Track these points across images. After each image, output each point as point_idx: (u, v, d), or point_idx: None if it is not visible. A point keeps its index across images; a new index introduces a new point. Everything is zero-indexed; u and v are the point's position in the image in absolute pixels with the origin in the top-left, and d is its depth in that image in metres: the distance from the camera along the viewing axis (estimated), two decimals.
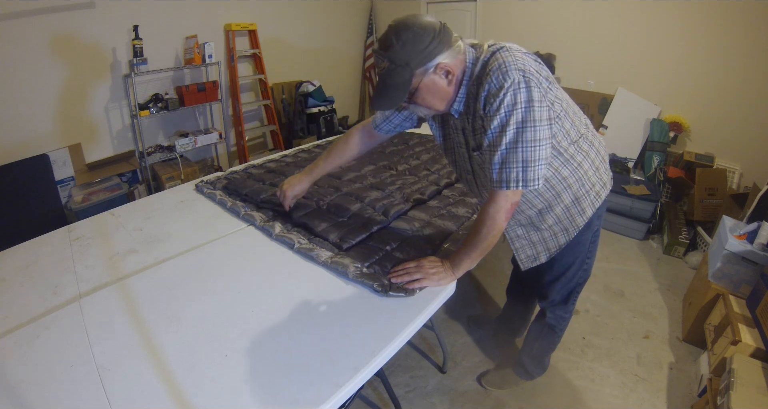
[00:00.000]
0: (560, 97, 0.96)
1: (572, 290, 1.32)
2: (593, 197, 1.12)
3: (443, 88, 0.92)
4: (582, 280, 1.30)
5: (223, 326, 0.95)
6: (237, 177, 1.86)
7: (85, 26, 2.65)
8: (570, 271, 1.25)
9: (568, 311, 1.38)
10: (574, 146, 1.02)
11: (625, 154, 3.12)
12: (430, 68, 0.88)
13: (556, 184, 1.05)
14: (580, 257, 1.22)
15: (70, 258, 1.26)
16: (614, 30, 3.13)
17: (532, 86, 0.84)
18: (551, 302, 1.36)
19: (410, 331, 0.94)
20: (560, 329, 1.43)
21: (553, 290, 1.32)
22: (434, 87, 0.91)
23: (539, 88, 0.86)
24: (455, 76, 0.92)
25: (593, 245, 1.24)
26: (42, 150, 2.58)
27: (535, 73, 0.87)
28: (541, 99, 0.86)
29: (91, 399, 0.77)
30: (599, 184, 1.12)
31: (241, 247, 1.30)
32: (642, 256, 2.58)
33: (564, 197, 1.08)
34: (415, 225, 1.38)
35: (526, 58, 0.88)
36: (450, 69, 0.90)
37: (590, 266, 1.28)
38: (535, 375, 1.58)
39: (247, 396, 0.76)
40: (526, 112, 0.85)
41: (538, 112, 0.86)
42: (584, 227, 1.14)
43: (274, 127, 3.91)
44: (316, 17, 4.20)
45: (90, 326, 0.95)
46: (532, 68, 0.86)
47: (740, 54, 2.63)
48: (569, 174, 1.04)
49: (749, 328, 1.51)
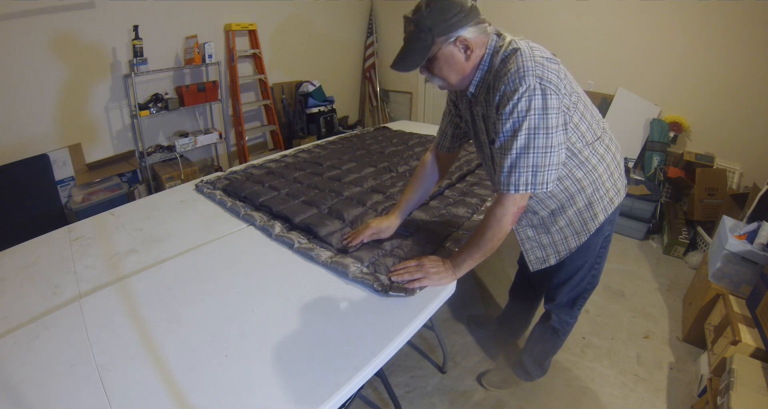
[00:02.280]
0: (579, 100, 0.96)
1: (579, 295, 1.31)
2: (606, 203, 1.11)
3: (460, 62, 0.94)
4: (590, 286, 1.29)
5: (223, 326, 0.95)
6: (237, 177, 1.86)
7: (85, 26, 2.64)
8: (578, 275, 1.24)
9: (574, 315, 1.37)
10: (589, 149, 1.02)
11: (625, 154, 3.12)
12: (451, 39, 0.90)
13: (570, 185, 1.05)
14: (589, 261, 1.21)
15: (70, 258, 1.26)
16: (614, 30, 3.13)
17: (548, 94, 0.85)
18: (557, 305, 1.35)
19: (410, 331, 0.94)
20: (563, 333, 1.42)
21: (560, 293, 1.31)
22: (452, 58, 0.93)
23: (557, 94, 0.86)
24: (474, 53, 0.93)
25: (603, 250, 1.23)
26: (42, 150, 2.58)
27: (555, 79, 0.87)
28: (557, 106, 0.87)
29: (91, 399, 0.77)
30: (613, 190, 1.12)
31: (241, 247, 1.30)
32: (642, 256, 2.58)
33: (577, 200, 1.08)
34: (416, 225, 1.38)
35: (547, 64, 0.88)
36: (470, 45, 0.91)
37: (599, 271, 1.27)
38: (535, 377, 1.58)
39: (247, 396, 0.76)
40: (539, 119, 0.86)
41: (553, 119, 0.86)
42: (595, 231, 1.13)
43: (274, 127, 3.90)
44: (316, 17, 4.20)
45: (90, 326, 0.95)
46: (551, 75, 0.87)
47: (740, 54, 2.63)
48: (583, 176, 1.04)
49: (749, 328, 1.51)
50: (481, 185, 1.74)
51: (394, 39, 4.65)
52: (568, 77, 0.93)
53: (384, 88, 4.90)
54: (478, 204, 1.56)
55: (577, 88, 0.98)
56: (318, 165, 1.99)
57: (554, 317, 1.39)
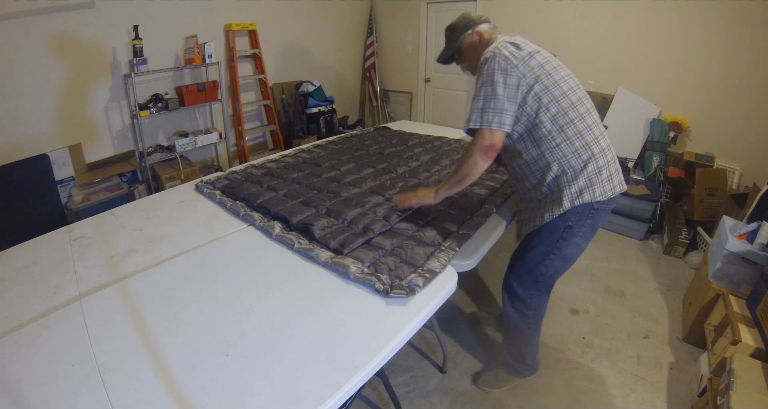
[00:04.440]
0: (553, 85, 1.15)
1: (528, 281, 1.34)
2: (574, 192, 1.18)
3: (478, 48, 1.29)
4: (539, 274, 1.31)
5: (223, 326, 0.95)
6: (237, 177, 1.86)
7: (85, 26, 2.64)
8: (530, 254, 1.31)
9: (528, 306, 1.38)
10: (559, 132, 1.17)
11: (625, 155, 3.12)
12: (470, 32, 1.31)
13: (539, 158, 1.21)
14: (544, 242, 1.27)
15: (70, 258, 1.26)
16: (614, 30, 3.13)
17: (496, 60, 1.13)
18: (509, 288, 1.40)
19: (410, 331, 0.94)
20: (525, 325, 1.42)
21: (513, 272, 1.39)
22: (471, 46, 1.32)
23: (506, 62, 1.13)
24: (484, 40, 1.29)
25: (563, 242, 1.25)
26: (42, 150, 2.58)
27: (507, 54, 1.14)
28: (503, 68, 1.12)
29: (91, 399, 0.77)
30: (585, 182, 1.17)
31: (241, 247, 1.30)
32: (642, 256, 2.58)
33: (547, 176, 1.21)
34: (416, 225, 1.38)
35: (507, 46, 1.16)
36: (482, 34, 1.30)
37: (553, 262, 1.29)
38: (525, 372, 1.57)
39: (247, 396, 0.76)
40: (486, 76, 1.14)
41: (498, 76, 1.13)
42: (558, 216, 1.21)
43: (274, 127, 3.91)
44: (316, 17, 4.20)
45: (90, 326, 0.96)
46: (505, 51, 1.14)
47: (740, 54, 2.63)
48: (548, 152, 1.19)
49: (749, 328, 1.51)
50: (481, 185, 1.74)
51: (394, 39, 4.66)
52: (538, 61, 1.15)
53: (384, 88, 4.90)
54: (479, 204, 1.56)
55: (555, 75, 1.16)
56: (317, 166, 1.98)
57: (506, 302, 1.43)
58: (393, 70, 4.84)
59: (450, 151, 2.25)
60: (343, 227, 1.36)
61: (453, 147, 2.33)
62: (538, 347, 1.54)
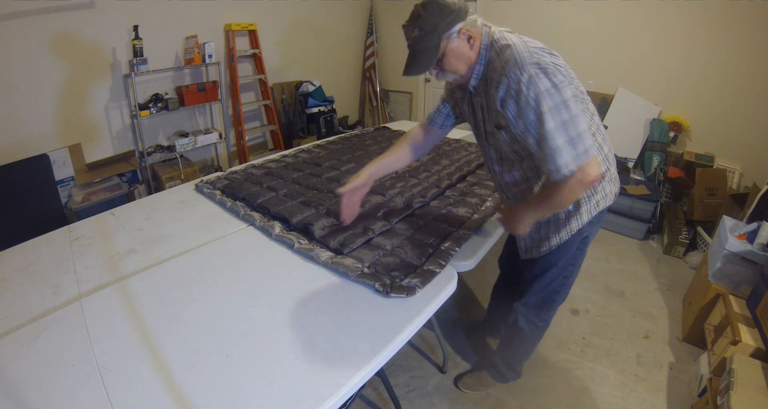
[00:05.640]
0: (579, 93, 0.98)
1: (548, 297, 1.30)
2: (593, 205, 1.13)
3: (467, 53, 0.98)
4: (561, 289, 1.28)
5: (223, 326, 0.95)
6: (237, 177, 1.86)
7: (85, 26, 2.64)
8: (551, 272, 1.24)
9: (543, 319, 1.36)
10: None
11: (625, 155, 3.12)
12: (455, 33, 0.95)
13: None
14: (563, 259, 1.21)
15: (70, 258, 1.26)
16: (614, 30, 3.13)
17: (549, 73, 0.88)
18: (525, 304, 1.34)
19: (410, 331, 0.94)
20: (533, 337, 1.41)
21: (530, 290, 1.31)
22: (459, 51, 0.97)
23: (559, 72, 0.89)
24: (475, 42, 0.98)
25: (579, 253, 1.23)
26: (42, 150, 2.58)
27: (552, 62, 0.90)
28: (563, 80, 0.89)
29: (91, 399, 0.77)
30: (601, 193, 1.13)
31: (241, 247, 1.30)
32: (642, 256, 2.58)
33: None
34: (417, 224, 1.38)
35: (541, 53, 0.91)
36: (472, 34, 0.97)
37: (572, 274, 1.26)
38: (510, 379, 1.58)
39: (247, 396, 0.76)
40: (553, 96, 0.88)
41: (567, 91, 0.89)
42: (577, 231, 1.15)
43: (274, 127, 3.90)
44: (316, 17, 4.20)
45: (90, 326, 0.96)
46: (547, 59, 0.90)
47: (740, 54, 2.63)
48: None
49: (749, 328, 1.51)
50: (481, 185, 1.74)
51: (394, 39, 4.65)
52: (568, 70, 0.95)
53: (384, 88, 4.90)
54: (478, 204, 1.56)
55: (578, 84, 1.00)
56: (317, 166, 1.98)
57: (521, 317, 1.36)
58: (393, 70, 4.84)
59: (450, 151, 2.25)
60: (343, 227, 1.36)
61: (453, 147, 2.33)
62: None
